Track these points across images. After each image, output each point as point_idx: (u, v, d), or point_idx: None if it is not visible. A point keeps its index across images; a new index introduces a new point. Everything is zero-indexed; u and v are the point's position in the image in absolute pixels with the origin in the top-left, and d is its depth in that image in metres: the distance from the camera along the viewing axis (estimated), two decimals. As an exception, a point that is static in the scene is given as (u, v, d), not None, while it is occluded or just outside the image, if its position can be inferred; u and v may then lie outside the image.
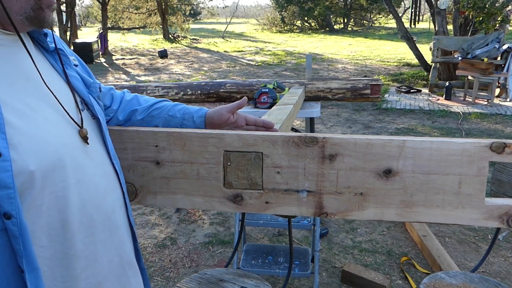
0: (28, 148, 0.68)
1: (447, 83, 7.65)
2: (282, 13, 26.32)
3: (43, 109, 0.75)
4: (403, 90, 8.28)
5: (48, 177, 0.71)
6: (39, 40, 0.83)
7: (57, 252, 0.75)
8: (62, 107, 0.78)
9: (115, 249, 0.86)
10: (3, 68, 0.72)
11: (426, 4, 9.88)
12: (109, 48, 16.62)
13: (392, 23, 25.15)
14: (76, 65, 0.92)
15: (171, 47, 17.96)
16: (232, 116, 1.08)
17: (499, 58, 7.75)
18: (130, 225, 0.95)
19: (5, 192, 0.65)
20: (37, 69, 0.77)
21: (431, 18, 12.37)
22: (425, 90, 8.33)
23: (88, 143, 0.80)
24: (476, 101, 7.25)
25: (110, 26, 18.17)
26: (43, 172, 0.70)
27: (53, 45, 0.84)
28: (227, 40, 21.21)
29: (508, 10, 8.88)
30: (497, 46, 7.72)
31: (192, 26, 27.39)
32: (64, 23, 14.62)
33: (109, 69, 12.48)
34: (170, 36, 21.08)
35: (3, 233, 0.67)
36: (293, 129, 4.26)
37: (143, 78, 10.72)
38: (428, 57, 9.43)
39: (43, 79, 0.77)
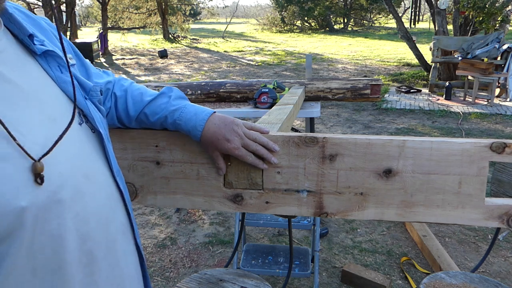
0: None
1: (447, 83, 7.65)
2: (282, 13, 26.33)
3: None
4: (403, 90, 8.27)
5: (41, 214, 0.62)
6: (23, 41, 0.70)
7: None
8: (19, 146, 0.61)
9: (117, 285, 0.77)
10: None
11: (426, 4, 9.88)
12: (109, 48, 16.62)
13: (392, 23, 25.14)
14: (73, 64, 0.80)
15: (171, 47, 17.96)
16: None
17: (499, 58, 7.75)
18: (138, 249, 0.86)
19: None
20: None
21: (431, 18, 12.37)
22: (425, 90, 8.32)
23: (38, 183, 0.63)
24: (476, 101, 7.25)
25: (110, 26, 18.16)
26: (35, 209, 0.61)
27: (41, 47, 0.71)
28: (227, 40, 21.20)
29: (508, 10, 8.89)
30: (497, 46, 7.71)
31: (192, 26, 27.39)
32: (64, 23, 14.62)
33: (109, 69, 12.45)
34: (170, 36, 21.08)
35: None
36: (293, 129, 4.26)
37: (143, 78, 10.72)
38: (428, 57, 9.43)
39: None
